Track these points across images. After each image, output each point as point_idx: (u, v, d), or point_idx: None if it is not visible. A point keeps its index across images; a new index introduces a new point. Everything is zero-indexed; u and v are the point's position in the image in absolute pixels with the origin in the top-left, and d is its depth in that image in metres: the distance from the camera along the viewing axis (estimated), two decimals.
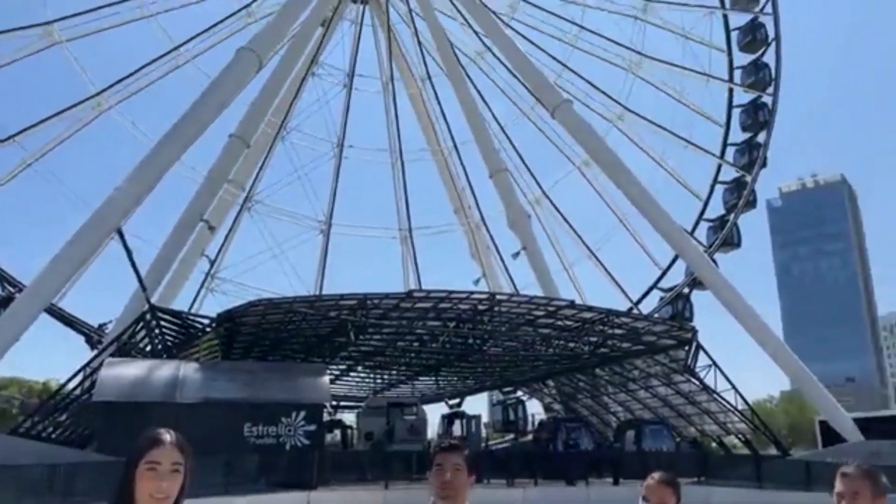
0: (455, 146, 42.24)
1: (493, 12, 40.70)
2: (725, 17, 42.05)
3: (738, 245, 39.73)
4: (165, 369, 21.37)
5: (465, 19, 41.02)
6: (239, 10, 37.55)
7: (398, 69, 43.94)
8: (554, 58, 42.60)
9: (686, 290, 39.37)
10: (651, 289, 40.56)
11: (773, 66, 40.33)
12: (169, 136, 26.14)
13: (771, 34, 40.08)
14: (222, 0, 38.34)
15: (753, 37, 40.31)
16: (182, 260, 33.86)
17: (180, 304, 36.49)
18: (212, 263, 34.43)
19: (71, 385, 24.33)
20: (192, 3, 37.19)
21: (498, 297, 26.05)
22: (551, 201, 42.29)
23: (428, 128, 44.78)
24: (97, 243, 25.10)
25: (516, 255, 37.03)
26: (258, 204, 38.27)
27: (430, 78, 43.10)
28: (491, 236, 41.38)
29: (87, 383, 23.08)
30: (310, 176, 40.41)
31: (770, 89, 39.97)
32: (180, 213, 32.29)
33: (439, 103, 42.83)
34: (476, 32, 41.72)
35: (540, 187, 42.94)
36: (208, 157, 34.54)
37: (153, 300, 26.42)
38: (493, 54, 41.40)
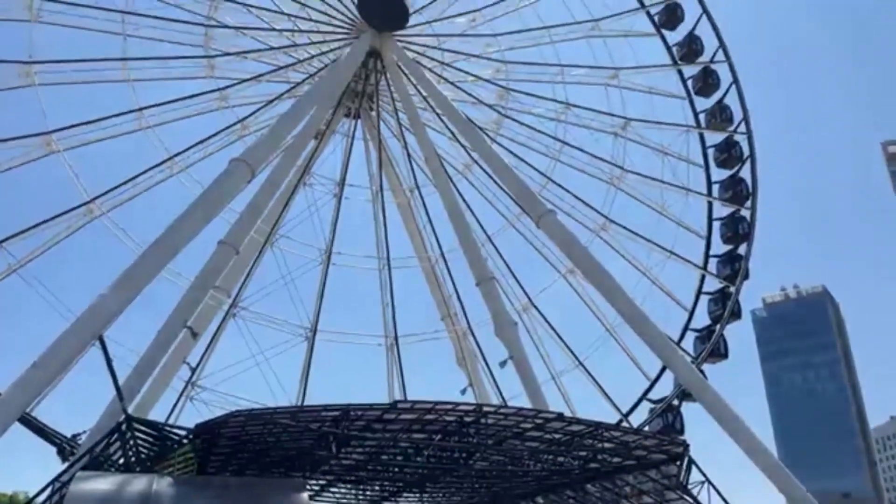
0: (442, 254, 42.71)
1: (480, 128, 42.48)
2: (701, 135, 44.04)
3: (726, 356, 39.72)
4: (137, 484, 20.41)
5: (453, 134, 42.56)
6: (235, 124, 38.90)
7: (387, 179, 45.05)
8: (538, 170, 44.05)
9: (676, 402, 38.89)
10: (640, 400, 40.06)
11: (749, 181, 41.93)
12: (157, 244, 26.31)
13: (746, 152, 41.94)
14: (218, 113, 39.63)
15: (729, 154, 42.15)
16: (163, 367, 33.11)
17: (159, 411, 35.52)
18: (193, 371, 33.79)
19: (39, 500, 23.15)
20: (190, 115, 38.53)
21: (485, 408, 25.48)
22: (538, 310, 42.44)
23: (415, 236, 45.38)
24: (77, 351, 24.66)
25: (503, 363, 36.57)
26: (243, 310, 38.07)
27: (418, 188, 44.15)
28: (478, 344, 41.18)
29: (55, 498, 21.98)
30: (297, 282, 40.35)
31: (748, 203, 41.35)
32: (164, 320, 31.87)
33: (427, 212, 43.67)
34: (463, 146, 43.15)
35: (527, 295, 43.17)
36: (195, 263, 34.52)
37: (130, 409, 25.64)
38: (480, 167, 42.70)
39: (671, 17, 45.26)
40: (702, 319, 41.48)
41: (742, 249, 40.91)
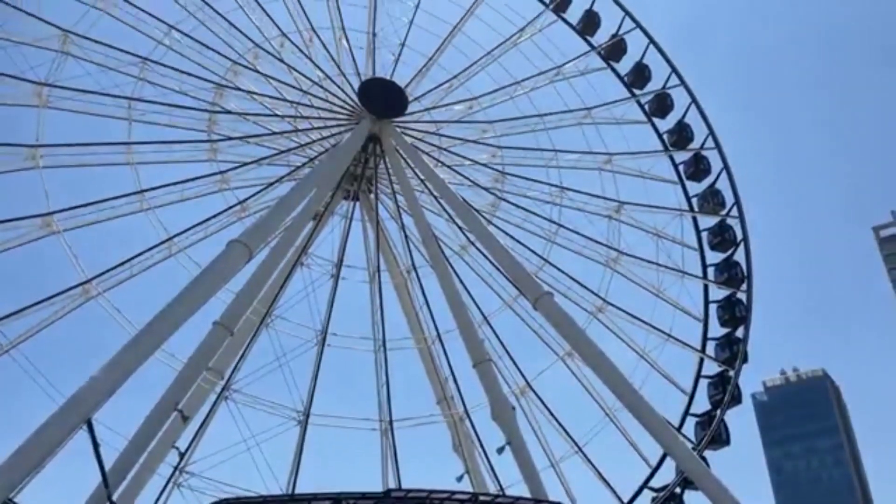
0: (439, 335, 42.41)
1: (477, 210, 43.13)
2: (695, 218, 44.72)
3: (728, 442, 38.90)
4: None
5: (451, 216, 43.13)
6: (234, 206, 39.44)
7: (385, 260, 45.29)
8: (534, 252, 44.40)
9: (678, 491, 37.78)
10: (642, 489, 38.84)
11: (744, 264, 42.27)
12: (151, 325, 26.16)
13: (739, 235, 42.52)
14: (219, 195, 40.24)
15: (723, 237, 42.70)
16: (151, 452, 32.27)
17: (146, 499, 34.31)
18: (181, 456, 32.88)
19: None
20: (191, 197, 39.11)
21: (481, 497, 24.85)
22: (536, 393, 41.74)
23: (412, 317, 45.20)
24: (65, 435, 24.07)
25: (501, 449, 35.70)
26: (236, 393, 37.40)
27: (415, 269, 44.29)
28: (475, 429, 40.28)
29: None
30: (291, 364, 39.85)
31: (744, 286, 41.53)
32: (154, 402, 31.32)
33: (423, 293, 43.63)
34: (460, 228, 43.63)
35: (524, 378, 42.57)
36: (189, 343, 34.17)
37: (116, 496, 24.91)
38: (477, 248, 43.06)
39: (661, 105, 46.95)
40: (702, 404, 40.87)
41: (740, 332, 40.80)
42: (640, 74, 47.62)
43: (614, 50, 48.07)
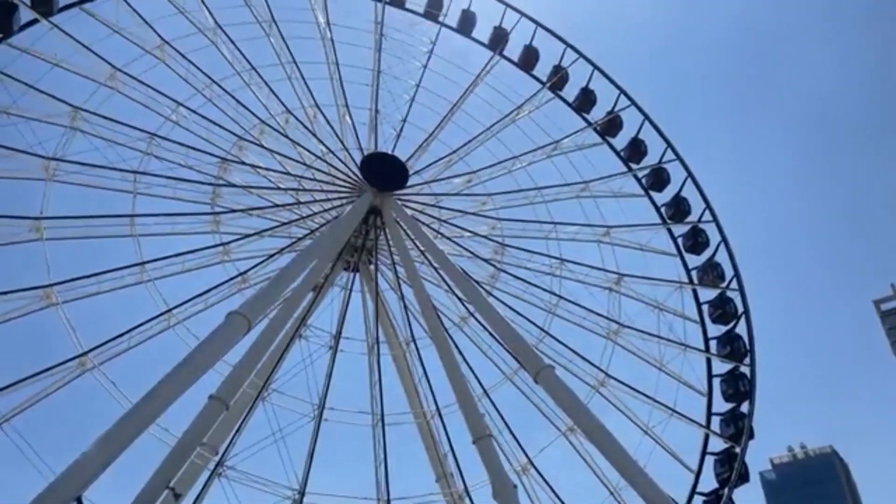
0: (438, 410, 41.63)
1: (476, 282, 43.08)
2: (695, 291, 44.62)
3: None
4: None
5: (450, 287, 43.08)
6: (235, 277, 39.46)
7: (384, 331, 44.94)
8: (535, 324, 44.08)
9: None
10: None
11: (746, 337, 41.89)
12: (147, 399, 25.64)
13: (740, 308, 42.31)
14: (219, 267, 40.33)
15: (723, 310, 42.50)
16: None
17: None
18: None
19: None
20: (192, 269, 39.17)
21: None
22: (538, 470, 40.62)
23: (410, 390, 44.51)
24: None
25: None
26: (230, 470, 36.38)
27: (414, 340, 43.91)
28: None
29: None
30: (287, 439, 38.94)
31: (747, 360, 41.02)
32: (145, 478, 30.38)
33: (423, 365, 43.11)
34: (460, 299, 43.50)
35: (526, 455, 41.51)
36: (184, 417, 33.40)
37: None
38: (477, 320, 42.78)
39: (658, 179, 47.72)
40: (709, 481, 39.70)
41: (744, 407, 40.02)
42: (636, 150, 48.61)
43: (610, 126, 49.25)
